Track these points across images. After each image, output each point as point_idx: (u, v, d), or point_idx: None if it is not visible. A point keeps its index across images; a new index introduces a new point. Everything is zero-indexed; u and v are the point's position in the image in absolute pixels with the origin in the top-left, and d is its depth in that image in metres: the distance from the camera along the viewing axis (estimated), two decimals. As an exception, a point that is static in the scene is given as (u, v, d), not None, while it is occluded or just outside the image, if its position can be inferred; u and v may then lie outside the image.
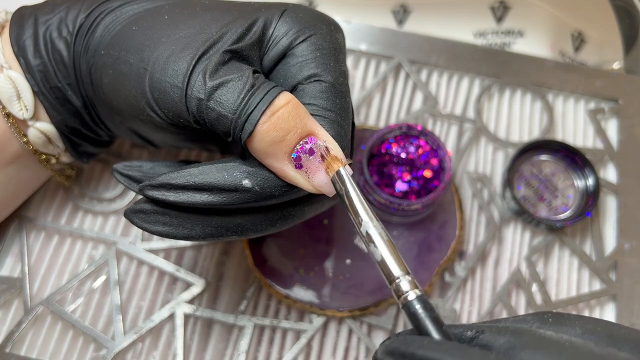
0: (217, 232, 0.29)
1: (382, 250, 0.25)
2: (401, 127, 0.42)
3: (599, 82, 0.49)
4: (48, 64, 0.34)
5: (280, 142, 0.27)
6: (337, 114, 0.29)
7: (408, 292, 0.24)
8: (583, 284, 0.43)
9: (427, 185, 0.41)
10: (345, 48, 0.33)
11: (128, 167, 0.33)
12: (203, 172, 0.28)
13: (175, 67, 0.28)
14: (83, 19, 0.33)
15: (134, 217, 0.30)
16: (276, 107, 0.27)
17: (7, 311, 0.39)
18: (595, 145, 0.47)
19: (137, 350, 0.39)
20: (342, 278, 0.40)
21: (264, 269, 0.40)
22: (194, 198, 0.28)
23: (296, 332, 0.40)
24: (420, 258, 0.41)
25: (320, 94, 0.29)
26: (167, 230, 0.29)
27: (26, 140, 0.35)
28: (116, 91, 0.31)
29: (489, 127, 0.47)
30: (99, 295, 0.40)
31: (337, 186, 0.27)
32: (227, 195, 0.28)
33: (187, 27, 0.30)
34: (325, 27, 0.31)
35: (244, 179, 0.28)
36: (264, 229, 0.30)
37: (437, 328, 0.23)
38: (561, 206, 0.44)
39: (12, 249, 0.41)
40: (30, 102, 0.34)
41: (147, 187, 0.29)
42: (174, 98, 0.28)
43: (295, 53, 0.30)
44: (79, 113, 0.35)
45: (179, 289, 0.41)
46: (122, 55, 0.30)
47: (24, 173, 0.37)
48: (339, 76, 0.30)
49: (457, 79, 0.49)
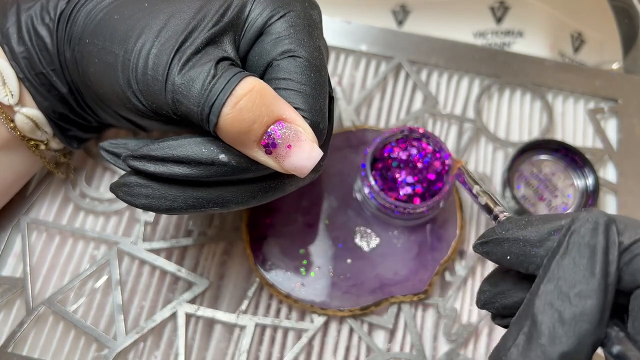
0: (198, 203, 0.29)
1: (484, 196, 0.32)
2: (403, 131, 0.42)
3: (598, 81, 0.49)
4: (32, 51, 0.34)
5: (247, 131, 0.27)
6: (312, 87, 0.29)
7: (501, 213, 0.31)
8: (583, 283, 0.43)
9: (431, 187, 0.41)
10: (322, 24, 0.33)
11: (114, 144, 0.33)
12: (181, 145, 0.29)
13: (156, 60, 0.28)
14: (64, 5, 0.33)
15: (118, 190, 0.30)
16: (239, 96, 0.27)
17: (9, 311, 0.40)
18: (595, 144, 0.48)
19: (138, 350, 0.39)
20: (343, 277, 0.41)
21: (265, 269, 0.40)
22: (172, 170, 0.29)
23: (297, 331, 0.40)
24: (420, 257, 0.41)
25: (295, 68, 0.29)
26: (149, 202, 0.30)
27: (13, 126, 0.35)
28: (102, 80, 0.31)
29: (489, 127, 0.48)
30: (100, 295, 0.40)
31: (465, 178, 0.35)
32: (204, 169, 0.28)
33: (166, 15, 0.30)
34: (299, 5, 0.31)
35: (220, 153, 0.28)
36: (245, 201, 0.30)
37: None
38: (561, 206, 0.44)
39: (13, 249, 0.41)
40: (16, 88, 0.35)
41: (129, 157, 0.30)
42: (155, 90, 0.29)
43: (270, 31, 0.30)
44: (65, 99, 0.36)
45: (181, 288, 0.41)
46: (106, 45, 0.31)
47: (14, 160, 0.38)
48: (313, 51, 0.30)
49: (457, 79, 0.49)
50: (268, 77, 0.30)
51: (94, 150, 0.44)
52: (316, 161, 0.28)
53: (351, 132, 0.45)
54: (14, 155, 0.38)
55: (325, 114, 0.30)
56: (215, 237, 0.42)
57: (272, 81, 0.30)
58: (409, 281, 0.41)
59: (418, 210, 0.40)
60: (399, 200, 0.40)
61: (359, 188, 0.42)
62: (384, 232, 0.42)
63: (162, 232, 0.42)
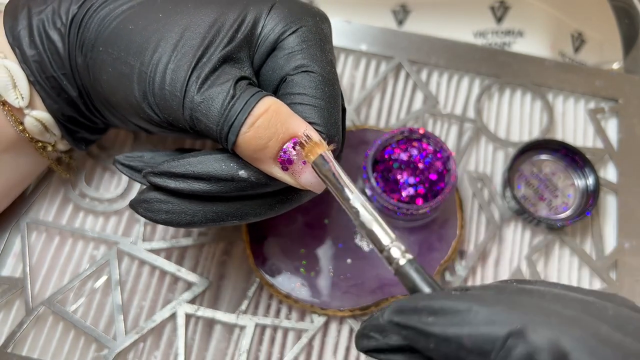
0: (218, 217, 0.30)
1: (370, 223, 0.26)
2: (403, 132, 0.42)
3: (598, 81, 0.49)
4: (43, 55, 0.34)
5: (264, 148, 0.28)
6: (327, 101, 0.30)
7: (399, 258, 0.25)
8: (583, 283, 0.43)
9: (433, 188, 0.41)
10: (332, 37, 0.34)
11: (129, 157, 0.33)
12: (201, 162, 0.29)
13: (173, 76, 0.29)
14: (75, 10, 0.33)
15: (138, 207, 0.31)
16: (256, 116, 0.28)
17: (9, 311, 0.40)
18: (595, 144, 0.48)
19: (138, 350, 0.39)
20: (343, 277, 0.40)
21: (265, 269, 0.40)
22: (192, 186, 0.29)
23: (297, 331, 0.40)
24: (421, 257, 0.41)
25: (309, 83, 0.30)
26: (170, 217, 0.30)
27: (22, 128, 0.36)
28: (115, 89, 0.32)
29: (489, 126, 0.48)
30: (100, 295, 0.40)
31: (321, 169, 0.28)
32: (224, 185, 0.29)
33: (181, 27, 0.30)
34: (311, 19, 0.32)
35: (240, 169, 0.29)
36: (264, 213, 0.31)
37: (431, 287, 0.24)
38: (561, 205, 0.44)
39: (13, 249, 0.41)
40: (26, 90, 0.35)
41: (150, 173, 0.30)
42: (172, 105, 0.29)
43: (282, 46, 0.31)
44: (75, 102, 0.36)
45: (181, 288, 0.41)
46: (121, 55, 0.31)
47: (21, 161, 0.38)
48: (325, 65, 0.31)
49: (457, 78, 0.49)
50: (282, 92, 0.31)
51: (93, 150, 0.44)
52: None
53: (351, 132, 0.45)
54: (20, 156, 0.38)
55: (339, 126, 0.31)
56: (215, 237, 0.42)
57: (286, 96, 0.30)
58: (409, 281, 0.41)
59: (421, 211, 0.39)
60: (402, 201, 0.40)
61: (360, 189, 0.42)
62: (384, 232, 0.42)
63: (162, 232, 0.42)
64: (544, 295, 0.22)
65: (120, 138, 0.45)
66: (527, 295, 0.22)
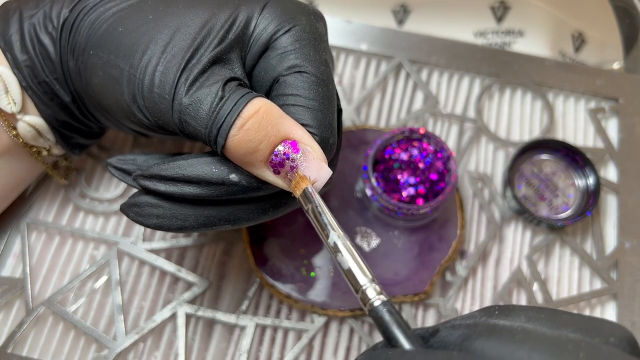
0: (209, 222, 0.29)
1: (348, 261, 0.26)
2: (403, 132, 0.42)
3: (599, 81, 0.49)
4: (35, 59, 0.34)
5: (254, 152, 0.27)
6: (320, 102, 0.29)
7: (374, 298, 0.24)
8: (584, 283, 0.43)
9: (433, 187, 0.41)
10: (327, 36, 0.33)
11: (122, 160, 0.33)
12: (191, 165, 0.29)
13: (162, 78, 0.28)
14: (67, 14, 0.33)
15: (129, 211, 0.31)
16: (245, 118, 0.27)
17: (9, 312, 0.40)
18: (596, 144, 0.48)
19: (138, 350, 0.39)
20: (343, 278, 0.40)
21: (266, 269, 0.40)
22: (183, 190, 0.29)
23: (298, 331, 0.40)
24: (421, 257, 0.41)
25: (302, 84, 0.29)
26: (160, 222, 0.30)
27: (15, 134, 0.35)
28: (106, 92, 0.31)
29: (490, 126, 0.48)
30: (100, 295, 0.40)
31: (304, 202, 0.27)
32: (215, 188, 0.28)
33: (171, 29, 0.30)
34: (305, 18, 0.31)
35: (231, 173, 0.28)
36: (257, 218, 0.30)
37: (402, 331, 0.23)
38: (562, 205, 0.44)
39: (13, 250, 0.41)
40: (18, 96, 0.34)
41: (140, 176, 0.30)
42: (161, 108, 0.28)
43: (275, 46, 0.30)
44: (68, 107, 0.36)
45: (181, 289, 0.41)
46: (111, 58, 0.30)
47: (15, 166, 0.38)
48: (319, 65, 0.30)
49: (457, 78, 0.49)
50: (275, 93, 0.30)
51: (93, 151, 0.44)
52: (325, 180, 0.28)
53: (351, 131, 0.45)
54: (15, 161, 0.37)
55: (334, 128, 0.30)
56: (215, 237, 0.42)
57: (279, 97, 0.29)
58: (409, 281, 0.40)
59: (421, 211, 0.39)
60: (402, 201, 0.40)
61: (361, 189, 0.42)
62: (385, 232, 0.42)
63: (162, 232, 0.42)
64: (514, 335, 0.21)
65: (121, 139, 0.45)
66: (495, 338, 0.21)
